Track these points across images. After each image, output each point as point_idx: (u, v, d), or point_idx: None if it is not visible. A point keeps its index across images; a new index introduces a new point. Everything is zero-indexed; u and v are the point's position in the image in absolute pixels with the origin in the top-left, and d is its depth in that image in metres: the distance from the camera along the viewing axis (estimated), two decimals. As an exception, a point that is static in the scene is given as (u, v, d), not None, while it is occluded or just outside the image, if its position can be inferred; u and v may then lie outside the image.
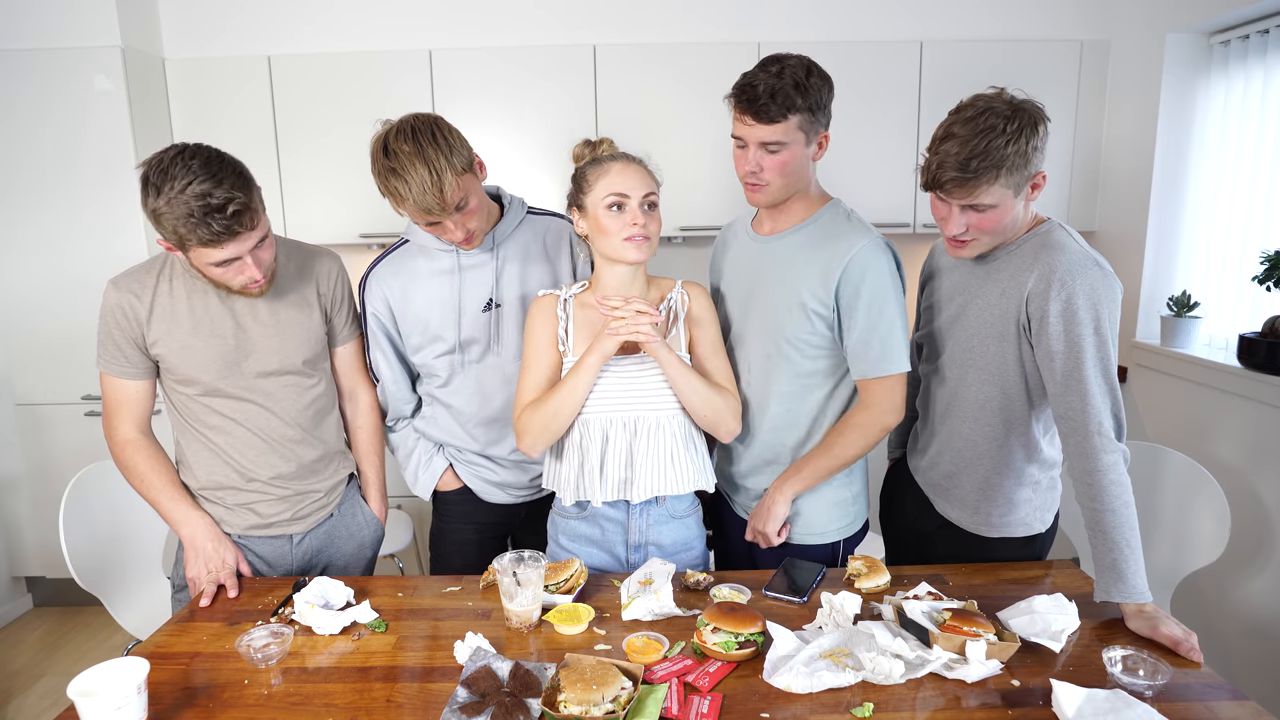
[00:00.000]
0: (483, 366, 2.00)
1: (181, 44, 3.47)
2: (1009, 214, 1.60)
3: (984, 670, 1.36)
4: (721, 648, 1.42)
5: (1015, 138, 1.51)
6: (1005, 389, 1.71)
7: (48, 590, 3.66)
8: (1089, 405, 1.54)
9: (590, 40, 3.41)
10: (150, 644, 1.57)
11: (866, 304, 1.72)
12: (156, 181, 1.54)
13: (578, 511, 1.83)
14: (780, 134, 1.68)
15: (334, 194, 3.42)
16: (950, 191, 1.58)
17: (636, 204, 1.68)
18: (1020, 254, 1.66)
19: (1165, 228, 3.21)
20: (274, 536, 1.92)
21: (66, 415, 3.41)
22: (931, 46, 3.35)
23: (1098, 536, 1.55)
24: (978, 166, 1.52)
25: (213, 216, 1.53)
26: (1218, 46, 3.02)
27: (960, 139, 1.53)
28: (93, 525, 2.31)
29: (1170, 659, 1.42)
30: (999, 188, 1.55)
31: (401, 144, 1.69)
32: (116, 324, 1.74)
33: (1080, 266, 1.56)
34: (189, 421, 1.83)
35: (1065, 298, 1.55)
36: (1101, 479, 1.53)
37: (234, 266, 1.65)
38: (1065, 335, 1.55)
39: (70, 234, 3.28)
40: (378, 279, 1.96)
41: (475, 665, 1.40)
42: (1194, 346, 3.00)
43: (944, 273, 1.87)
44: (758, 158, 1.71)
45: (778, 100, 1.64)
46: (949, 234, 1.65)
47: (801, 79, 1.65)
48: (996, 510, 1.80)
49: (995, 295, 1.68)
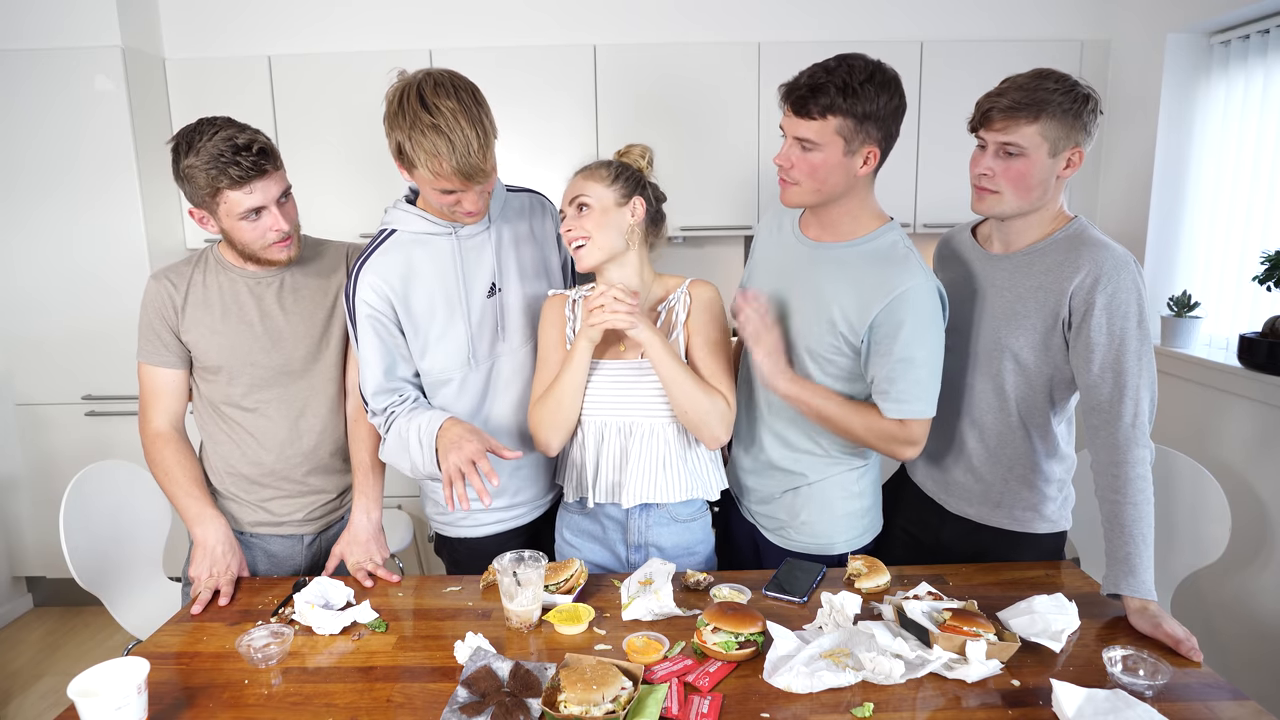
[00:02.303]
0: (494, 359, 1.86)
1: (182, 44, 3.48)
2: (1036, 171, 1.62)
3: (984, 670, 1.36)
4: (722, 648, 1.42)
5: (1066, 93, 1.58)
6: (1030, 382, 1.72)
7: (48, 590, 3.67)
8: (1126, 397, 1.57)
9: (590, 41, 3.41)
10: (150, 644, 1.57)
11: (904, 345, 1.61)
12: (186, 142, 1.68)
13: (580, 508, 1.85)
14: (814, 132, 1.59)
15: (335, 194, 3.42)
16: (992, 123, 1.62)
17: (572, 210, 1.72)
18: (1057, 249, 1.67)
19: (1165, 228, 3.22)
20: (286, 536, 1.93)
21: (67, 415, 3.41)
22: (931, 47, 3.35)
23: (1115, 530, 1.57)
24: (1022, 100, 1.59)
25: (241, 155, 1.65)
26: (1218, 46, 3.02)
27: (1016, 83, 1.62)
28: (93, 525, 2.31)
29: (1171, 658, 1.42)
30: (1035, 132, 1.59)
31: (444, 99, 1.56)
32: (156, 312, 1.81)
33: (1124, 263, 1.59)
34: (213, 413, 1.87)
35: (1111, 291, 1.57)
36: (1130, 471, 1.56)
37: (263, 220, 1.73)
38: (1108, 328, 1.58)
39: (70, 234, 3.29)
40: (372, 269, 1.75)
41: (475, 665, 1.40)
42: (1194, 347, 3.00)
43: (953, 265, 1.87)
44: (790, 152, 1.64)
45: (817, 97, 1.57)
46: (975, 172, 1.69)
47: (853, 82, 1.56)
48: (1020, 506, 1.80)
49: (1028, 289, 1.69)
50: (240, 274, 1.84)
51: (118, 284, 3.29)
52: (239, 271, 1.84)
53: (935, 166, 3.38)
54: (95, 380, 3.38)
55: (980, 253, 1.81)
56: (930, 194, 3.39)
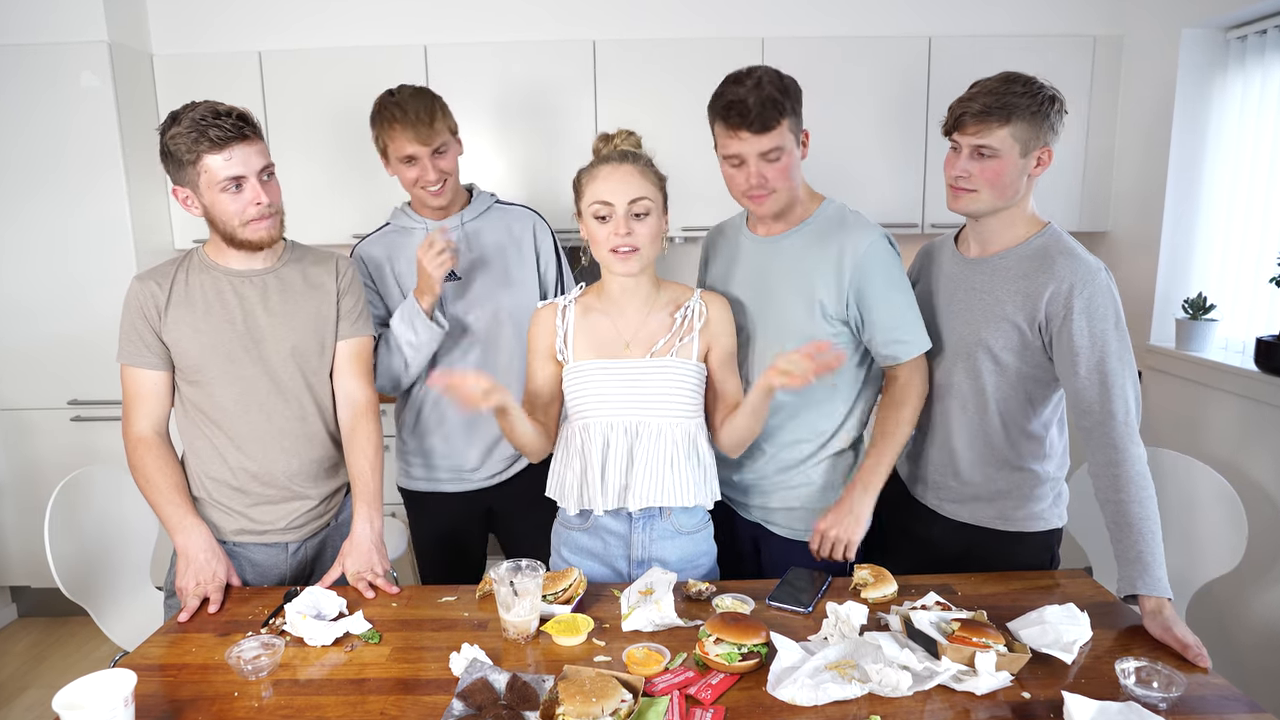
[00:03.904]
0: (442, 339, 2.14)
1: (170, 39, 3.49)
2: (1009, 171, 1.72)
3: (994, 682, 1.37)
4: (724, 659, 1.43)
5: (1032, 96, 1.70)
6: (1009, 381, 1.80)
7: (33, 600, 3.67)
8: (1114, 397, 1.64)
9: (589, 36, 3.41)
10: (138, 655, 1.57)
11: (884, 293, 1.81)
12: (173, 116, 1.73)
13: (580, 522, 1.83)
14: (777, 140, 1.75)
15: (326, 193, 3.43)
16: (965, 126, 1.73)
17: (621, 213, 1.67)
18: (1032, 255, 1.76)
19: (1180, 228, 3.22)
20: (269, 544, 1.93)
21: (52, 421, 3.42)
22: (940, 42, 3.36)
23: (1122, 530, 1.61)
24: (992, 105, 1.69)
25: (221, 119, 1.70)
26: (1234, 42, 3.03)
27: (985, 88, 1.73)
28: (79, 533, 2.31)
29: (1183, 667, 1.43)
30: (1007, 134, 1.70)
31: (405, 87, 2.10)
32: (138, 311, 1.82)
33: (1096, 270, 1.70)
34: (195, 417, 1.88)
35: (1088, 297, 1.67)
36: (1129, 470, 1.61)
37: (244, 194, 1.75)
38: (1089, 332, 1.66)
39: (56, 235, 3.29)
40: (360, 249, 2.24)
41: (471, 677, 1.40)
42: (1209, 350, 3.00)
43: (933, 272, 1.96)
44: (759, 169, 1.77)
45: (769, 108, 1.71)
46: (951, 174, 1.78)
47: (779, 84, 1.74)
48: (1010, 504, 1.85)
49: (1006, 293, 1.77)
50: (224, 273, 1.85)
51: (104, 285, 3.28)
52: (223, 270, 1.85)
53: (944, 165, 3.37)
54: (81, 385, 3.39)
55: (958, 257, 1.90)
56: (938, 192, 3.38)
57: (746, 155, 1.77)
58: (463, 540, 2.36)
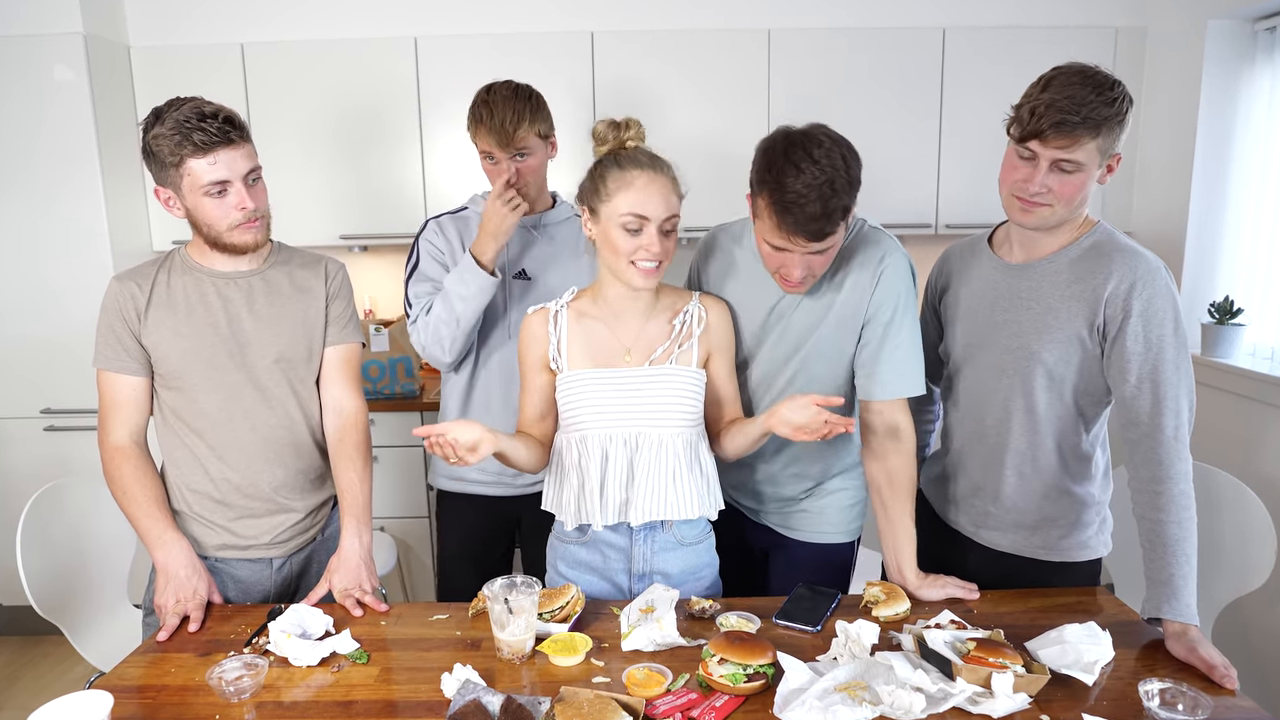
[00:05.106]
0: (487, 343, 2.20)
1: (147, 31, 3.49)
2: (1087, 185, 1.64)
3: (1011, 705, 1.37)
4: (729, 680, 1.43)
5: (1114, 103, 1.58)
6: (1061, 398, 1.75)
7: (4, 618, 3.66)
8: (1166, 408, 1.60)
9: (587, 27, 3.42)
10: (114, 676, 1.57)
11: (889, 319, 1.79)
12: (155, 114, 1.74)
13: (578, 536, 1.83)
14: (831, 242, 1.66)
15: (313, 193, 3.44)
16: (1048, 139, 1.59)
17: (655, 229, 1.67)
18: (1084, 255, 1.71)
19: (1206, 228, 3.23)
20: (253, 560, 1.93)
21: (24, 430, 3.42)
22: (954, 34, 3.37)
23: (1156, 549, 1.59)
24: (1085, 115, 1.56)
25: (206, 121, 1.70)
26: (1263, 33, 3.04)
27: (1064, 91, 1.57)
28: (53, 548, 2.31)
29: (1209, 688, 1.42)
30: (1093, 147, 1.59)
31: (504, 86, 2.14)
32: (117, 313, 1.82)
33: (1157, 269, 1.64)
34: (175, 426, 1.87)
35: (1147, 298, 1.62)
36: (1172, 488, 1.58)
37: (229, 198, 1.76)
38: (1145, 336, 1.62)
39: (28, 235, 3.30)
40: (437, 224, 2.25)
41: (464, 699, 1.40)
42: (1237, 356, 3.01)
43: (966, 279, 1.89)
44: (807, 262, 1.68)
45: (833, 219, 1.61)
46: (1029, 192, 1.64)
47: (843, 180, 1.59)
48: (1056, 532, 1.82)
49: (1059, 298, 1.71)
50: (208, 274, 1.85)
51: (79, 288, 3.29)
52: (206, 272, 1.85)
53: (958, 162, 3.40)
54: (55, 392, 3.39)
55: (998, 263, 1.83)
56: (953, 191, 3.41)
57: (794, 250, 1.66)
58: (491, 551, 2.36)
